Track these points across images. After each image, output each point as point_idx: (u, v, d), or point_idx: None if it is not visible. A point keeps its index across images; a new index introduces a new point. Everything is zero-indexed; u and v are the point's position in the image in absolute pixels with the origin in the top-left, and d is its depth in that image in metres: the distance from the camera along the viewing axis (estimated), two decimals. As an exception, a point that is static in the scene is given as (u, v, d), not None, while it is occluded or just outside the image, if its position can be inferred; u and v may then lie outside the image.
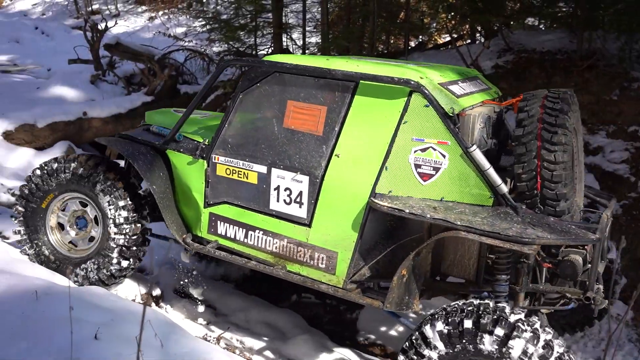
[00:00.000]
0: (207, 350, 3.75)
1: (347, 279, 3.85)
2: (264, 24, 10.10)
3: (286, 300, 6.25)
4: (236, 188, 4.19)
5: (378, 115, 3.71)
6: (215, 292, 5.67)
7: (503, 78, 7.02)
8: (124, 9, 18.28)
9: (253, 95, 4.12)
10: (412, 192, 3.65)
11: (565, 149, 3.43)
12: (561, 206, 3.49)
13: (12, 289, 3.77)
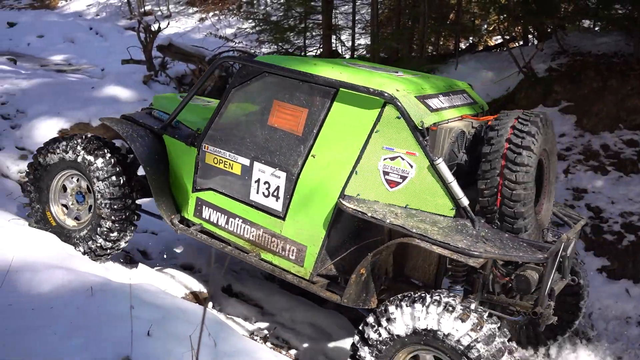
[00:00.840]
0: (255, 349, 3.79)
1: (313, 272, 4.09)
2: (313, 25, 10.12)
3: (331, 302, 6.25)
4: (222, 177, 4.46)
5: (353, 122, 3.91)
6: (261, 291, 5.72)
7: (557, 81, 6.89)
8: (176, 10, 18.55)
9: (243, 92, 4.38)
10: (379, 197, 3.84)
11: (528, 170, 3.60)
12: (518, 224, 3.67)
13: (69, 284, 3.87)
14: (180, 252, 5.82)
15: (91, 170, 4.66)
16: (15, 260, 3.94)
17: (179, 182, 4.75)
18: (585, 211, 6.05)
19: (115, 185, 4.66)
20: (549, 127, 3.96)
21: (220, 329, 3.79)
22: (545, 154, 4.00)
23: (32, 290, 3.74)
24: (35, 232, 4.97)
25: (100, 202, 4.67)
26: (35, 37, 16.55)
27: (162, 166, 4.78)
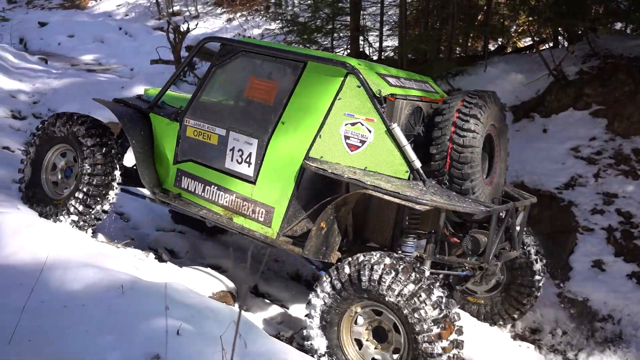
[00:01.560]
0: (283, 350, 3.79)
1: (280, 232, 4.42)
2: (341, 26, 10.11)
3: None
4: (200, 148, 4.82)
5: (318, 91, 4.35)
6: (287, 291, 5.74)
7: (588, 84, 6.80)
8: (203, 11, 18.68)
9: (223, 70, 4.86)
10: (340, 159, 4.23)
11: (474, 136, 4.05)
12: (466, 185, 4.09)
13: (99, 282, 3.92)
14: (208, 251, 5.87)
15: (80, 144, 4.99)
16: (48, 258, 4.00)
17: (162, 155, 5.12)
18: (615, 216, 5.97)
19: (98, 162, 4.94)
20: (497, 106, 4.41)
21: (250, 329, 3.80)
22: (494, 130, 4.44)
23: (64, 288, 3.80)
24: (66, 229, 5.04)
25: (82, 172, 4.98)
26: (65, 37, 16.81)
27: (147, 142, 5.13)
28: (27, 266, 4.01)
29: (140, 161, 5.04)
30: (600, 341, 5.30)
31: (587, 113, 6.70)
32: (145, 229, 6.53)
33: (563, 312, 5.62)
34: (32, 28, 17.70)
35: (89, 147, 4.97)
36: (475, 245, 4.14)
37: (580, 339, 5.43)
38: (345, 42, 10.25)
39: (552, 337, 5.56)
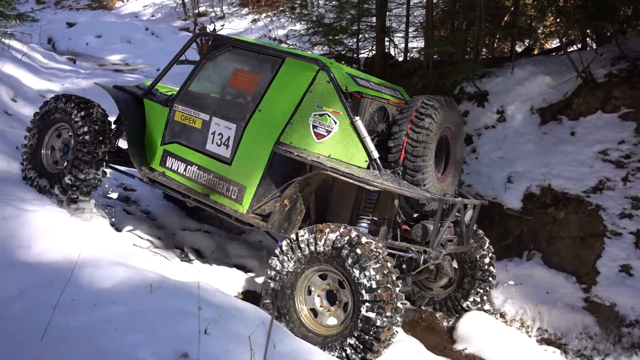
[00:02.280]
0: (309, 350, 3.82)
1: (249, 209, 4.86)
2: (367, 27, 10.09)
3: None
4: (186, 131, 5.29)
5: (293, 84, 4.83)
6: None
7: (617, 86, 6.70)
8: (229, 11, 18.79)
9: (212, 62, 5.34)
10: (308, 146, 4.68)
11: (428, 133, 4.59)
12: (417, 177, 4.61)
13: (128, 280, 3.98)
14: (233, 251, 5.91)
15: (74, 122, 5.41)
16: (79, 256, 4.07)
17: (151, 137, 5.57)
18: (644, 221, 5.90)
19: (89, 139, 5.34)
20: (454, 110, 4.98)
21: (277, 329, 3.83)
22: (450, 132, 4.98)
23: (94, 286, 3.86)
24: (95, 228, 5.12)
25: (74, 147, 5.38)
26: (93, 37, 17.02)
27: (139, 124, 5.59)
28: (57, 264, 4.09)
29: (131, 140, 5.48)
30: (627, 347, 5.24)
31: (616, 116, 6.61)
32: (172, 229, 6.59)
33: (590, 317, 5.57)
34: (61, 28, 17.96)
35: (79, 119, 5.39)
36: (424, 233, 4.67)
37: (606, 344, 5.37)
38: (370, 43, 10.23)
39: (579, 342, 5.52)
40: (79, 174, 5.34)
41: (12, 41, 11.31)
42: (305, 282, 4.39)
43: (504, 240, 6.57)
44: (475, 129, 7.41)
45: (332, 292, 4.39)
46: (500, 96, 7.57)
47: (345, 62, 10.26)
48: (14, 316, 3.36)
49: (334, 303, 4.39)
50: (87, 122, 5.40)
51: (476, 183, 6.87)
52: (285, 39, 14.62)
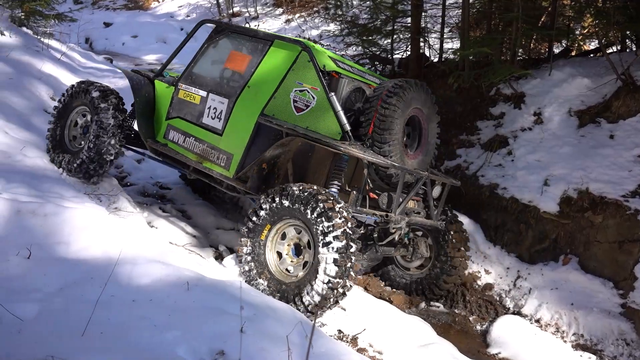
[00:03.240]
0: (344, 351, 3.82)
1: (235, 174, 5.36)
2: (401, 28, 10.05)
3: (415, 307, 6.24)
4: (187, 107, 5.88)
5: (278, 63, 5.38)
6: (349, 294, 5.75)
7: (658, 89, 6.58)
8: (263, 12, 18.88)
9: (213, 46, 5.94)
10: (288, 119, 5.23)
11: (395, 109, 5.03)
12: (384, 148, 5.03)
13: (166, 278, 4.03)
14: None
15: (94, 105, 6.00)
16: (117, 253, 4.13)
17: (159, 114, 6.15)
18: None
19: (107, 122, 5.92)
20: (425, 93, 5.43)
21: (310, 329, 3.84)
22: (422, 114, 5.45)
23: (133, 283, 3.92)
24: (133, 226, 5.20)
25: (92, 129, 5.95)
26: (129, 37, 17.26)
27: (149, 102, 6.18)
28: (97, 261, 4.16)
29: (140, 115, 6.07)
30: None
31: (657, 119, 6.49)
32: (206, 227, 6.66)
33: (627, 323, 5.48)
34: (98, 28, 18.26)
35: (96, 99, 6.00)
36: (389, 201, 5.17)
37: (644, 351, 5.28)
38: (405, 43, 10.18)
39: (615, 348, 5.43)
40: (98, 150, 5.88)
41: (52, 41, 11.55)
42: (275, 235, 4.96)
43: (539, 244, 6.49)
44: (512, 131, 7.34)
45: (299, 245, 4.93)
46: (537, 98, 7.48)
47: (379, 62, 10.23)
48: (56, 311, 3.43)
49: (299, 255, 4.94)
50: (104, 105, 5.97)
51: (511, 186, 6.80)
52: (318, 39, 14.63)
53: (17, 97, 7.49)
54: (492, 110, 7.73)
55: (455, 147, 7.64)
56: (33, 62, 8.98)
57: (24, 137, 6.41)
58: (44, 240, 4.26)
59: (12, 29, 9.98)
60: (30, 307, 3.41)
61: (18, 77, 8.07)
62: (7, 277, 3.75)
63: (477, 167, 7.20)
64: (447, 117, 8.06)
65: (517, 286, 6.31)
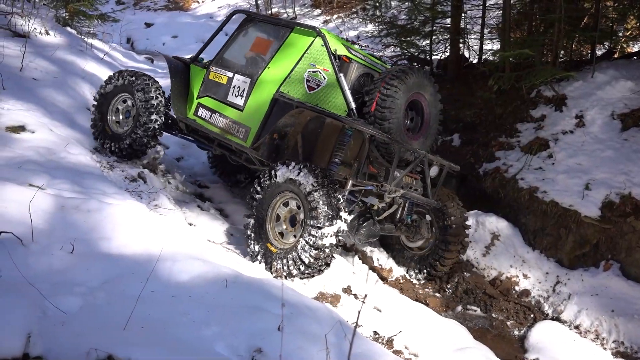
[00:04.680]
0: (380, 352, 3.81)
1: (251, 144, 5.93)
2: (440, 29, 9.99)
3: (451, 311, 6.19)
4: (215, 86, 6.42)
5: (295, 47, 5.92)
6: (382, 295, 5.75)
7: None
8: (301, 12, 18.95)
9: (242, 33, 6.51)
10: (300, 96, 5.74)
11: (396, 90, 5.41)
12: (385, 125, 5.40)
13: (205, 275, 4.07)
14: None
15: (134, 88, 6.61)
16: (157, 249, 4.19)
17: (192, 94, 6.70)
18: None
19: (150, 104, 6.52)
20: (427, 81, 5.79)
21: (349, 330, 3.85)
22: (423, 99, 5.80)
23: (173, 279, 3.97)
24: (172, 223, 5.27)
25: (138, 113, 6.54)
26: (170, 37, 17.50)
27: (184, 83, 6.73)
28: (138, 256, 4.22)
29: (174, 94, 6.60)
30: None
31: (703, 123, 6.34)
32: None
33: (671, 331, 5.36)
34: (139, 29, 18.56)
35: (135, 82, 6.62)
36: (386, 174, 5.68)
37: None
38: (443, 44, 10.13)
39: (657, 357, 5.31)
40: (140, 131, 6.50)
41: (95, 40, 11.77)
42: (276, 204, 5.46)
43: (580, 249, 6.38)
44: (552, 133, 7.23)
45: (294, 217, 5.41)
46: (579, 101, 7.36)
47: (418, 63, 10.19)
48: (98, 305, 3.49)
49: (293, 225, 5.42)
50: (144, 91, 6.56)
51: (552, 190, 6.70)
52: (356, 39, 14.62)
53: (62, 96, 7.66)
54: (532, 113, 7.62)
55: (494, 149, 7.56)
56: (77, 62, 9.17)
57: (68, 134, 6.56)
58: (87, 235, 4.33)
59: (57, 29, 10.21)
60: (73, 301, 3.48)
61: (62, 76, 8.26)
62: (51, 271, 3.83)
63: (516, 170, 7.11)
64: (487, 119, 7.99)
65: (557, 291, 6.21)
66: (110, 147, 6.69)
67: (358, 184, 5.67)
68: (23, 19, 9.41)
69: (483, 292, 6.40)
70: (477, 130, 7.98)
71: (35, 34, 9.34)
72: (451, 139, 8.12)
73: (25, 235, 3.98)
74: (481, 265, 6.71)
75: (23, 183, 4.79)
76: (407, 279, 6.52)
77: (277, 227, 5.46)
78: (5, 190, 4.43)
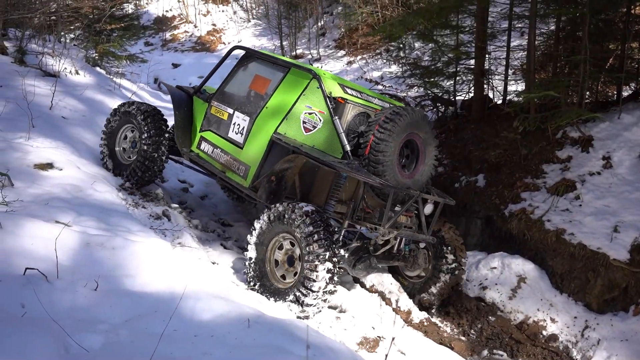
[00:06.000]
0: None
1: (251, 183, 6.05)
2: (464, 70, 10.03)
3: (477, 355, 6.07)
4: (216, 121, 6.56)
5: (292, 88, 5.99)
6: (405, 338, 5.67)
7: None
8: (325, 54, 19.17)
9: (242, 69, 6.60)
10: (297, 137, 5.84)
11: (390, 134, 5.46)
12: (378, 168, 5.47)
13: (227, 314, 4.05)
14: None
15: (139, 122, 6.78)
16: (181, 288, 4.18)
17: (194, 126, 6.85)
18: None
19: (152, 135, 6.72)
20: (423, 121, 5.82)
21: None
22: (419, 139, 5.86)
23: (195, 318, 3.95)
24: (195, 261, 5.27)
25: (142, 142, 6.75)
26: (196, 77, 17.75)
27: (187, 115, 6.87)
28: (161, 294, 4.22)
29: (178, 127, 6.75)
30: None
31: None
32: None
33: None
34: (167, 69, 18.90)
35: (142, 120, 6.75)
36: (380, 215, 5.67)
37: None
38: (467, 85, 10.14)
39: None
40: (146, 162, 6.71)
41: (123, 80, 12.02)
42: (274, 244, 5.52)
43: (609, 293, 6.24)
44: (579, 175, 7.15)
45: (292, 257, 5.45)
46: (606, 142, 7.29)
47: (441, 104, 10.21)
48: (121, 343, 3.48)
49: (292, 265, 5.47)
50: (148, 121, 6.74)
51: (579, 232, 6.59)
52: (380, 80, 14.72)
53: (90, 134, 7.79)
54: (558, 154, 7.56)
55: (520, 190, 7.48)
56: (105, 100, 9.35)
57: (94, 172, 6.64)
58: (111, 272, 4.35)
59: (87, 69, 10.45)
60: (96, 339, 3.47)
61: (91, 115, 8.41)
62: (74, 307, 3.83)
63: (542, 211, 7.02)
64: (512, 159, 7.93)
65: (585, 336, 6.06)
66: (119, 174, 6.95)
67: (353, 224, 5.84)
68: (54, 59, 9.65)
69: (509, 337, 6.27)
70: (502, 170, 7.92)
71: (65, 74, 9.57)
72: (476, 180, 8.06)
73: (50, 272, 4.00)
74: (507, 309, 6.58)
75: (50, 220, 4.84)
76: (431, 320, 6.41)
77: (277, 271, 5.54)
78: (32, 227, 4.48)
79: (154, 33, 24.83)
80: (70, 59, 10.10)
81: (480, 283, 6.88)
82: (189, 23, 25.30)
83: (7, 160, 5.88)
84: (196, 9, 25.58)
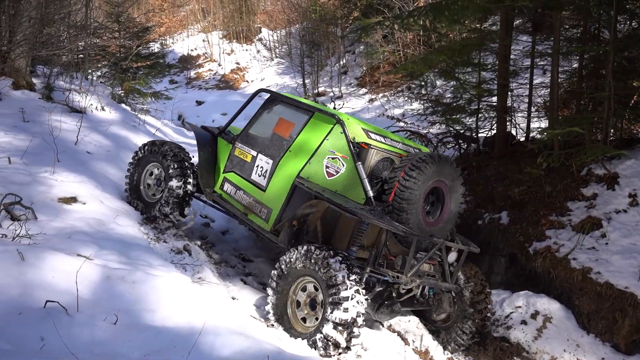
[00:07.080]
0: None
1: (273, 226, 6.01)
2: (486, 107, 10.01)
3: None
4: (240, 163, 6.57)
5: (316, 132, 5.96)
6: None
7: None
8: (347, 91, 19.31)
9: (265, 112, 6.59)
10: (320, 182, 5.78)
11: (416, 182, 5.35)
12: (402, 216, 5.33)
13: (247, 350, 4.00)
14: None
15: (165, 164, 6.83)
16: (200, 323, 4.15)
17: (218, 167, 6.87)
18: None
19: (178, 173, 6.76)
20: (448, 167, 5.65)
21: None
22: (444, 186, 5.69)
23: (214, 354, 3.91)
24: (216, 296, 5.23)
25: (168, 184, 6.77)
26: (219, 115, 17.99)
27: (211, 156, 6.91)
28: (180, 329, 4.18)
29: (202, 167, 6.79)
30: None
31: None
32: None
33: None
34: (191, 106, 19.17)
35: (168, 160, 6.79)
36: (403, 263, 5.47)
37: None
38: (489, 122, 10.12)
39: None
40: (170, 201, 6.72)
41: (147, 117, 12.18)
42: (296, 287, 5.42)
43: (637, 334, 6.09)
44: (605, 212, 7.03)
45: (314, 300, 5.37)
46: (632, 179, 7.19)
47: (464, 141, 10.18)
48: (139, 378, 3.44)
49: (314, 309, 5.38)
50: (173, 160, 6.78)
51: (606, 271, 6.46)
52: (401, 117, 14.76)
53: (114, 169, 7.86)
54: (583, 191, 7.46)
55: (544, 227, 7.37)
56: (130, 136, 9.46)
57: (117, 206, 6.68)
58: (131, 306, 4.33)
59: (112, 105, 10.62)
60: (114, 373, 3.44)
61: (115, 150, 8.51)
62: (93, 341, 3.82)
63: (568, 249, 6.90)
64: (536, 196, 7.84)
65: (614, 379, 5.88)
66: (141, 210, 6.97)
67: (375, 272, 5.72)
68: (80, 96, 9.82)
69: (535, 378, 6.10)
70: (526, 208, 7.82)
71: (92, 110, 9.72)
72: (499, 217, 7.97)
73: (70, 305, 3.99)
74: (532, 349, 6.43)
75: (72, 253, 4.85)
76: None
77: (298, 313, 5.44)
78: (54, 260, 4.49)
79: (179, 71, 25.30)
80: (96, 96, 10.28)
81: (505, 323, 6.75)
82: (213, 62, 25.75)
83: (32, 194, 5.93)
84: (220, 48, 26.05)
